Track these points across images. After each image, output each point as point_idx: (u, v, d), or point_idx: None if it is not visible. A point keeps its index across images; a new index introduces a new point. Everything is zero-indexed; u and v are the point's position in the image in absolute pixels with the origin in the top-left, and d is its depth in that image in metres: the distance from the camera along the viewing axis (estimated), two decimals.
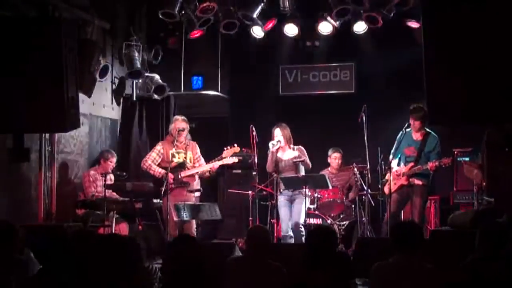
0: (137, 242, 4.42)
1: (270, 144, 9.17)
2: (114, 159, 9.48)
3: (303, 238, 8.68)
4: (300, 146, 9.32)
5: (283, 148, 9.27)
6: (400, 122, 8.94)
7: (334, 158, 10.43)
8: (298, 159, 9.17)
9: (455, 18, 7.02)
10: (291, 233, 9.02)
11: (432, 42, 7.16)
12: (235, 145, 9.23)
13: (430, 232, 8.37)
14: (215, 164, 9.16)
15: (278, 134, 9.21)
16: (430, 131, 8.81)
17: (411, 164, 8.74)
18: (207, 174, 9.41)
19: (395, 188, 8.78)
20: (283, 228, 9.16)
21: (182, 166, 9.13)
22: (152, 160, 9.21)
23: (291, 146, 9.28)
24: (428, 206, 9.94)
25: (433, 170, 8.57)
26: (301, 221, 9.00)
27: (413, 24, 9.66)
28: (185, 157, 9.20)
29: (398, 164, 8.87)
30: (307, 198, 9.11)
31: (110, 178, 9.33)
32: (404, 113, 8.96)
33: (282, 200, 9.24)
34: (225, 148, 9.19)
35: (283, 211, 9.21)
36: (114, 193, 9.24)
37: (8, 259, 4.93)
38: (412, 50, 9.51)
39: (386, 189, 8.82)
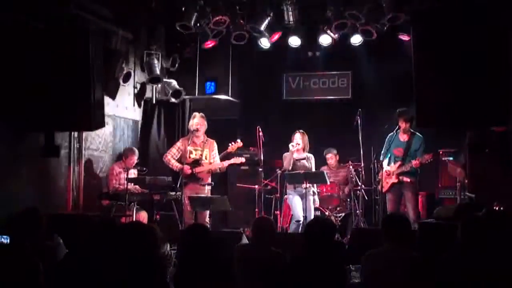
0: (155, 230, 4.42)
1: (290, 146, 9.18)
2: (135, 157, 9.43)
3: None
4: (311, 154, 9.35)
5: (299, 151, 9.27)
6: (392, 125, 8.94)
7: (328, 158, 10.50)
8: (308, 163, 9.22)
9: (441, 31, 7.02)
10: (301, 219, 8.99)
11: (420, 52, 7.14)
12: (239, 140, 9.24)
13: (417, 224, 8.35)
14: (225, 163, 9.15)
15: (298, 138, 9.21)
16: (415, 132, 8.81)
17: (399, 163, 8.76)
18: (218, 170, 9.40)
19: (387, 187, 8.78)
20: (297, 214, 9.11)
21: (197, 162, 9.10)
22: (172, 156, 9.17)
23: (305, 151, 9.30)
24: None
25: (417, 166, 8.57)
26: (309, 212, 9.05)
27: (404, 37, 9.65)
28: (201, 154, 9.12)
29: (389, 164, 8.87)
30: (315, 196, 9.26)
31: (134, 173, 9.33)
32: (394, 117, 8.96)
33: (296, 196, 9.21)
34: (230, 144, 9.21)
35: (296, 204, 9.15)
36: (137, 186, 9.25)
37: (37, 244, 4.92)
38: (403, 60, 9.48)
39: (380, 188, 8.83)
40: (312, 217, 8.94)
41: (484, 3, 7.03)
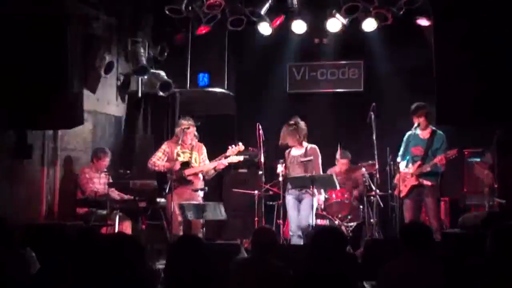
0: (140, 242, 4.38)
1: (278, 171, 9.16)
2: (108, 158, 9.39)
3: None
4: (313, 146, 9.26)
5: (297, 147, 9.23)
6: (410, 122, 8.90)
7: (342, 164, 10.41)
8: (304, 159, 9.11)
9: (466, 14, 6.98)
10: (299, 233, 8.96)
11: (442, 39, 7.13)
12: (240, 143, 9.23)
13: (440, 234, 8.33)
14: (223, 162, 9.15)
15: (282, 135, 9.16)
16: (436, 129, 8.78)
17: (419, 162, 8.72)
18: (212, 171, 9.37)
19: (406, 192, 8.74)
20: (291, 228, 9.11)
21: (187, 164, 9.13)
22: (158, 159, 9.22)
23: (303, 144, 9.22)
24: None
25: (442, 164, 8.51)
26: (310, 221, 8.91)
27: (423, 22, 9.62)
28: (190, 157, 9.20)
29: (406, 166, 8.83)
30: (314, 198, 9.06)
31: (106, 177, 9.24)
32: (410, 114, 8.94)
33: (290, 199, 9.19)
34: (229, 147, 9.18)
35: (291, 211, 9.15)
36: (116, 191, 9.20)
37: (5, 258, 4.90)
38: (422, 48, 9.48)
39: (397, 193, 8.79)
40: (311, 222, 8.90)
41: None
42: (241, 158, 9.32)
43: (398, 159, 8.87)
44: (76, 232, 5.21)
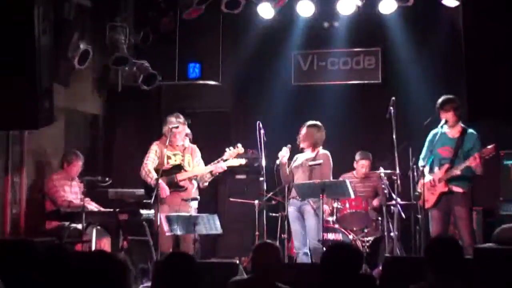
0: (122, 261, 4.38)
1: (279, 154, 9.11)
2: (80, 163, 9.41)
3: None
4: (325, 151, 9.25)
5: (305, 149, 9.24)
6: (436, 119, 8.88)
7: (362, 166, 10.43)
8: (312, 162, 9.09)
9: None
10: (305, 250, 8.96)
11: (473, 22, 7.13)
12: (239, 145, 9.24)
13: (473, 250, 8.33)
14: (221, 165, 9.14)
15: (301, 134, 9.16)
16: (466, 127, 8.73)
17: (447, 166, 8.63)
18: (208, 175, 9.37)
19: (434, 201, 8.66)
20: (295, 245, 9.12)
21: (179, 168, 9.12)
22: (152, 162, 9.15)
23: (315, 149, 9.20)
24: None
25: (477, 166, 8.40)
26: (319, 236, 8.90)
27: (450, 2, 9.62)
28: (183, 159, 9.20)
29: (431, 170, 8.76)
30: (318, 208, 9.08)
31: (78, 185, 9.25)
32: (436, 109, 8.93)
33: (291, 211, 9.17)
34: (227, 149, 9.19)
35: (293, 225, 9.15)
36: (93, 202, 9.20)
37: None
38: (449, 32, 9.48)
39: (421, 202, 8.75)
40: (312, 236, 8.91)
41: None
42: (242, 161, 9.32)
43: (420, 162, 8.81)
44: (46, 250, 5.20)
